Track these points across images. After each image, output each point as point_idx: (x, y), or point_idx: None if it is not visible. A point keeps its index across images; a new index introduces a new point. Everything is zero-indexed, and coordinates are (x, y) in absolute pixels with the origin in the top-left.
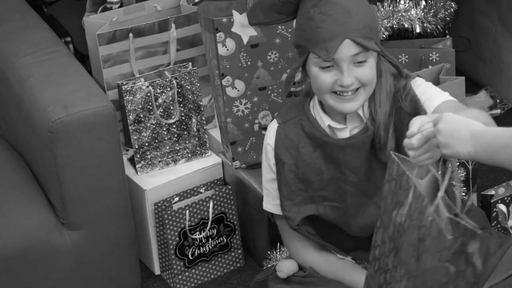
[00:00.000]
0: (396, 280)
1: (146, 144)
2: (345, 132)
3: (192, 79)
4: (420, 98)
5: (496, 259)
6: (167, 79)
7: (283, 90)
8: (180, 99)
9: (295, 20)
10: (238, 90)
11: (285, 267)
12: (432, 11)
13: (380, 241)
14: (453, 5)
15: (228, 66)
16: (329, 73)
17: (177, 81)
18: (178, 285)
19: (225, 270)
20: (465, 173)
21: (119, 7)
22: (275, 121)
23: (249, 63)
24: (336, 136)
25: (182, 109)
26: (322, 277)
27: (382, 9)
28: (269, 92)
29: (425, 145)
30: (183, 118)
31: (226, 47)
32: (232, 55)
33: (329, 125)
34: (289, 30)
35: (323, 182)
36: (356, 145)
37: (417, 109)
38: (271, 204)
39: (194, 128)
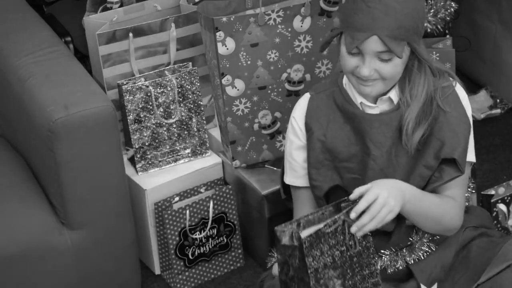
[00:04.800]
0: None
1: (146, 144)
2: (375, 110)
3: (192, 78)
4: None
5: (492, 254)
6: (167, 79)
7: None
8: (180, 99)
9: None
10: (238, 90)
11: (277, 269)
12: (432, 10)
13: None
14: (453, 4)
15: (228, 66)
16: (354, 58)
17: (178, 81)
18: (178, 285)
19: (225, 270)
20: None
21: (119, 7)
22: (307, 93)
23: (249, 62)
24: (365, 111)
25: (182, 108)
26: None
27: None
28: (269, 91)
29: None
30: (183, 117)
31: (226, 46)
32: (232, 54)
33: (361, 102)
34: (289, 29)
35: (349, 154)
36: (384, 120)
37: (459, 113)
38: (295, 177)
39: (194, 128)
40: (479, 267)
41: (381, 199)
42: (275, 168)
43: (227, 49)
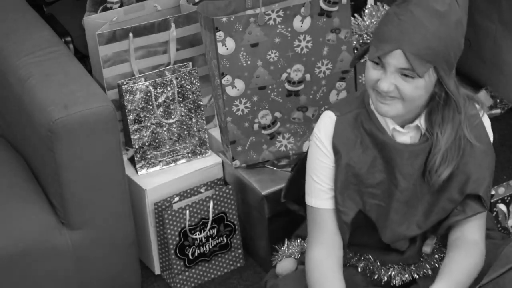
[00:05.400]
0: None
1: (146, 143)
2: (406, 137)
3: (192, 78)
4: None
5: (494, 256)
6: (167, 79)
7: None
8: (180, 99)
9: None
10: (238, 90)
11: (281, 268)
12: None
13: None
14: None
15: (228, 66)
16: (377, 71)
17: (178, 80)
18: (178, 285)
19: (225, 270)
20: None
21: (119, 7)
22: (330, 113)
23: (249, 62)
24: (395, 138)
25: (182, 108)
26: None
27: (382, 9)
28: (269, 91)
29: None
30: (183, 117)
31: (226, 46)
32: (232, 55)
33: (393, 128)
34: (289, 29)
35: (376, 180)
36: (415, 151)
37: (485, 146)
38: (323, 199)
39: (194, 128)
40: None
41: None
42: (275, 168)
43: (227, 49)
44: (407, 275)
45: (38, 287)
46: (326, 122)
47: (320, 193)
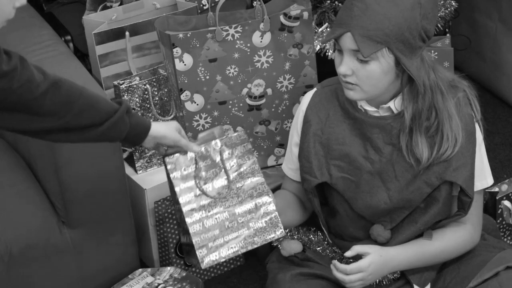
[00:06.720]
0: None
1: None
2: (375, 114)
3: None
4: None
5: (486, 259)
6: (161, 77)
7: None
8: (176, 96)
9: None
10: (198, 104)
11: (289, 246)
12: None
13: None
14: (453, 3)
15: (186, 81)
16: (339, 56)
17: None
18: None
19: (225, 269)
20: None
21: (119, 5)
22: (316, 87)
23: (207, 77)
24: (367, 112)
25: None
26: (317, 261)
27: None
28: (230, 106)
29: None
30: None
31: (183, 62)
32: (190, 70)
33: (361, 106)
34: (248, 44)
35: (342, 153)
36: (385, 127)
37: (465, 132)
38: (288, 167)
39: None
40: (469, 271)
41: (364, 274)
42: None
43: (185, 65)
44: (389, 275)
45: (38, 285)
46: (307, 95)
47: (290, 162)
